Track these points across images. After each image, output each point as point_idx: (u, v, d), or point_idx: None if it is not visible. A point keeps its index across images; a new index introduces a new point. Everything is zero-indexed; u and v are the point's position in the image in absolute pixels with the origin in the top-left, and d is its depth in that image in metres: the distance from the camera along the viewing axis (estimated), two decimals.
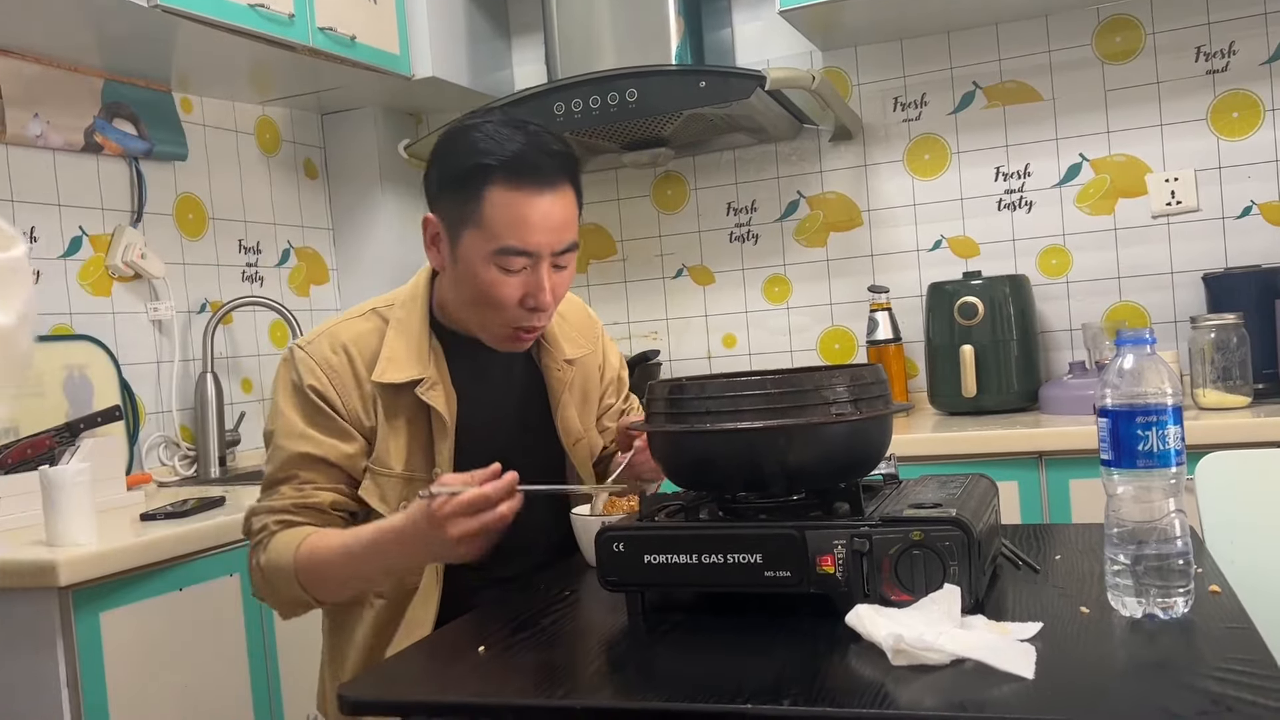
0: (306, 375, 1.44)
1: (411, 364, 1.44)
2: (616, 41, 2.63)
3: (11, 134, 2.20)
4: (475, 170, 1.37)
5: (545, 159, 1.38)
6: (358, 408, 1.44)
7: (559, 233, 1.39)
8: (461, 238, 1.40)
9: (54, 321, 2.29)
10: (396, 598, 1.46)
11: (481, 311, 1.43)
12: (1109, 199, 2.59)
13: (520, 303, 1.41)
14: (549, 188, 1.38)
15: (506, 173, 1.35)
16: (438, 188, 1.43)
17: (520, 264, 1.38)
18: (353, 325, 1.49)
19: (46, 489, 1.67)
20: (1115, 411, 1.03)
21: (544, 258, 1.39)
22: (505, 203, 1.36)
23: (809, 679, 0.94)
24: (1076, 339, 2.61)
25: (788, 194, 2.86)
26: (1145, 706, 0.84)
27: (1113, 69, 2.57)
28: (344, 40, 2.46)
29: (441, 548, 1.27)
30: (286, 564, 1.36)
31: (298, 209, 2.97)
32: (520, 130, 1.39)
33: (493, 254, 1.37)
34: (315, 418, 1.43)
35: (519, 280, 1.39)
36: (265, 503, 1.43)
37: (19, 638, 1.61)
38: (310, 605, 1.42)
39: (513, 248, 1.37)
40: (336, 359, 1.45)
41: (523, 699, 0.97)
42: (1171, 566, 1.02)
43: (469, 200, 1.37)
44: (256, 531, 1.42)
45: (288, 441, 1.43)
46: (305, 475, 1.42)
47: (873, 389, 1.18)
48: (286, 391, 1.45)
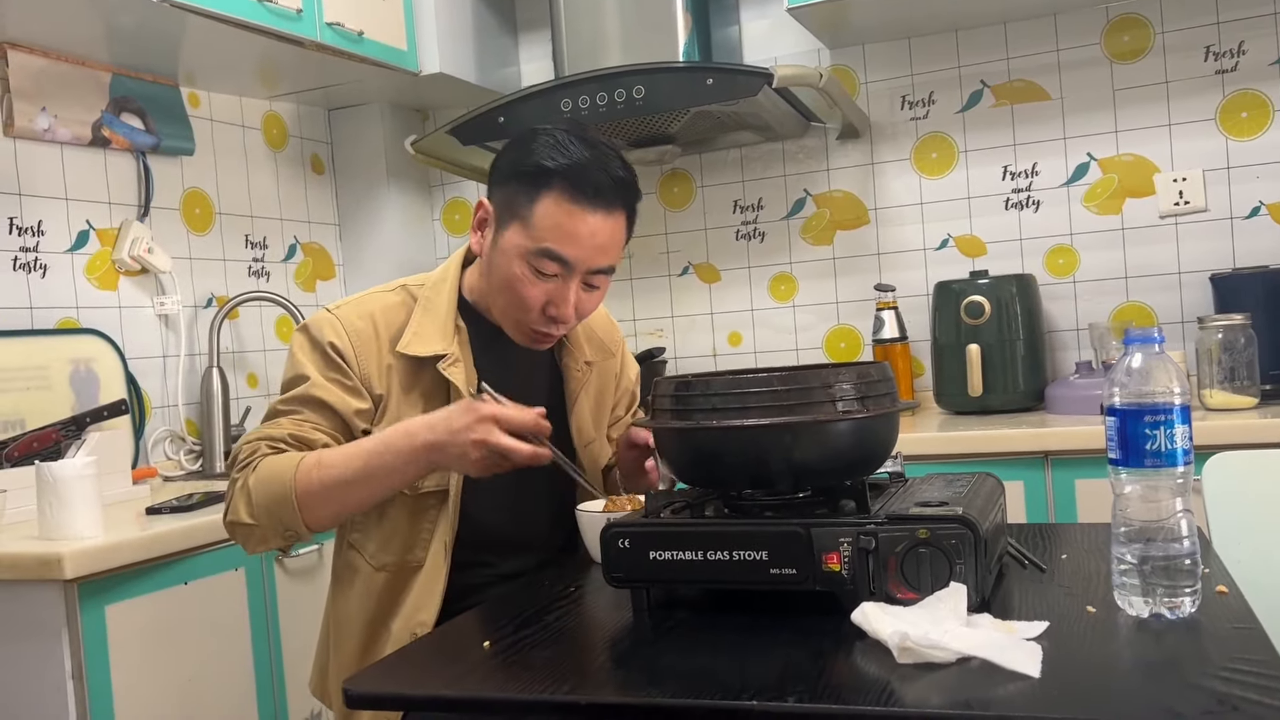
0: (328, 333, 1.45)
1: (436, 340, 1.45)
2: (623, 38, 2.63)
3: (19, 127, 2.20)
4: (537, 171, 1.39)
5: (607, 180, 1.40)
6: (371, 373, 1.45)
7: (600, 252, 1.41)
8: (507, 229, 1.42)
9: (61, 315, 2.29)
10: (394, 584, 1.45)
11: (504, 302, 1.45)
12: (1117, 199, 2.59)
13: (542, 309, 1.43)
14: (602, 208, 1.40)
15: (566, 182, 1.38)
16: (499, 177, 1.46)
17: (553, 270, 1.40)
18: (382, 297, 1.51)
19: (52, 483, 1.67)
20: (1123, 410, 1.03)
21: (577, 272, 1.41)
22: (556, 210, 1.38)
23: (814, 676, 0.94)
24: (1083, 339, 2.61)
25: (794, 192, 2.86)
26: (1151, 706, 0.83)
27: (1121, 68, 2.57)
28: (351, 36, 2.46)
29: (459, 446, 1.29)
30: (284, 478, 1.34)
31: (304, 204, 2.97)
32: (593, 147, 1.41)
33: (530, 253, 1.40)
34: (329, 370, 1.44)
35: (547, 286, 1.41)
36: (261, 431, 1.43)
37: (25, 630, 1.62)
38: (293, 531, 1.37)
39: (551, 251, 1.39)
40: (361, 324, 1.46)
41: (527, 695, 0.97)
42: (1178, 566, 1.01)
43: (524, 197, 1.40)
44: (246, 455, 1.40)
45: (298, 384, 1.44)
46: (308, 414, 1.42)
47: (879, 386, 1.18)
48: (305, 346, 1.46)
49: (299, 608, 2.01)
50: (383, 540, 1.46)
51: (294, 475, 1.34)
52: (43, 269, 2.26)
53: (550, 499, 1.52)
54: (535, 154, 1.40)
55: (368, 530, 1.48)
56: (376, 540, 1.47)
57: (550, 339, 1.49)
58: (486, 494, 1.46)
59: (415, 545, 1.45)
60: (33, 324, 2.23)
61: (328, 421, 1.43)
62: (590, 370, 1.60)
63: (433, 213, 3.20)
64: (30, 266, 2.24)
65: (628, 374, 1.72)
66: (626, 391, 1.71)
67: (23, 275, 2.22)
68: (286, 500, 1.34)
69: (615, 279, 2.99)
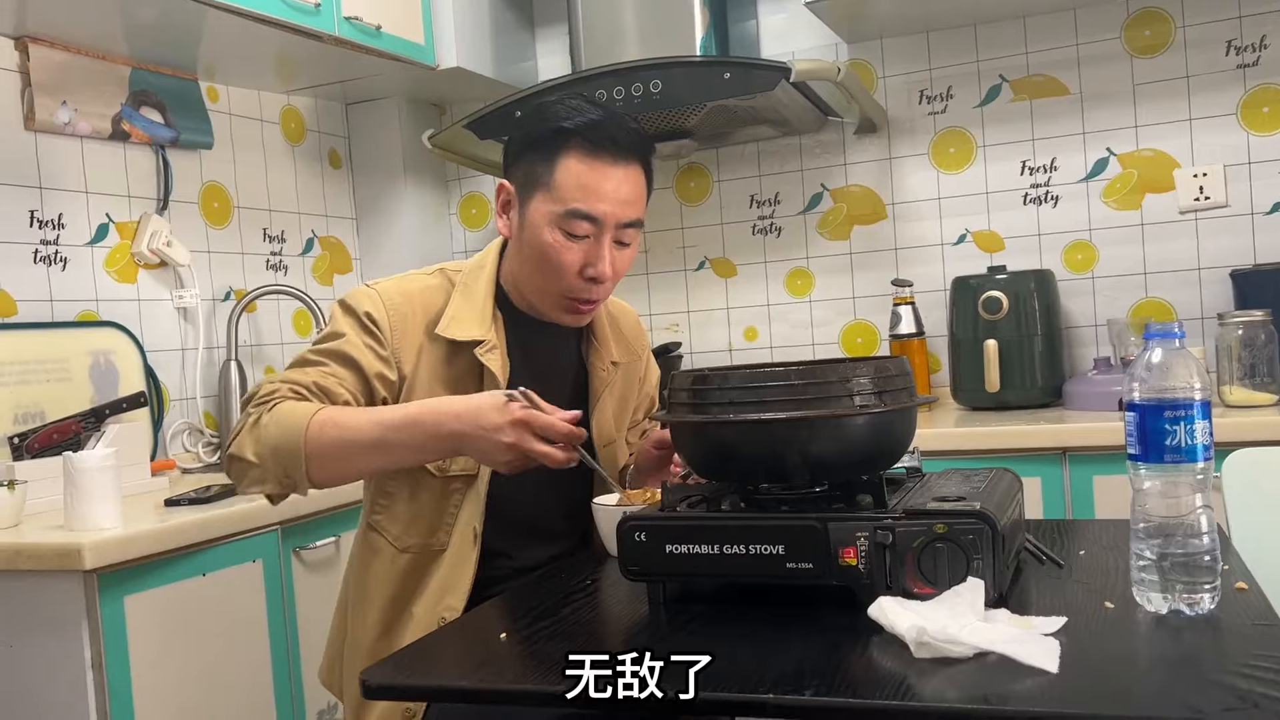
0: (366, 303, 1.45)
1: (475, 325, 1.46)
2: (641, 33, 2.62)
3: (40, 121, 2.21)
4: (553, 135, 1.41)
5: (622, 133, 1.42)
6: (403, 350, 1.45)
7: (626, 205, 1.43)
8: (531, 200, 1.43)
9: (80, 308, 2.31)
10: (415, 567, 1.45)
11: (542, 276, 1.45)
12: (1136, 194, 2.57)
13: (580, 272, 1.43)
14: (622, 161, 1.42)
15: (582, 139, 1.40)
16: (515, 152, 1.47)
17: (584, 229, 1.41)
18: (421, 279, 1.51)
19: (72, 474, 1.68)
20: (1143, 406, 1.02)
21: (608, 228, 1.42)
22: (578, 169, 1.40)
23: (830, 670, 0.94)
24: (1101, 335, 2.59)
25: (811, 187, 2.85)
26: (1171, 702, 0.83)
27: (1141, 62, 2.55)
28: (369, 30, 2.46)
29: (491, 444, 1.29)
30: (297, 426, 1.32)
31: (322, 198, 2.98)
32: (600, 107, 1.45)
33: (559, 216, 1.41)
34: (365, 336, 1.44)
35: (581, 248, 1.42)
36: (286, 373, 1.43)
37: (45, 620, 1.63)
38: (292, 481, 1.34)
39: (579, 211, 1.40)
40: (400, 300, 1.47)
41: (545, 686, 0.97)
42: (1198, 562, 1.01)
43: (543, 164, 1.41)
44: (265, 393, 1.39)
45: (336, 338, 1.44)
46: (335, 368, 1.42)
47: (897, 381, 1.17)
48: (342, 313, 1.47)
49: (316, 599, 2.02)
50: (407, 522, 1.46)
51: (307, 426, 1.32)
52: (63, 262, 2.28)
53: (571, 490, 1.52)
54: (548, 120, 1.43)
55: (393, 512, 1.48)
56: (401, 522, 1.47)
57: (591, 306, 1.48)
58: (510, 482, 1.46)
59: (440, 528, 1.45)
60: (53, 317, 2.24)
61: (353, 379, 1.42)
62: (616, 371, 1.60)
63: (449, 207, 3.20)
64: (51, 259, 2.25)
65: (650, 379, 1.73)
66: (647, 396, 1.72)
67: (43, 268, 2.24)
68: (295, 449, 1.32)
69: (631, 273, 3.01)
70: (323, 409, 1.35)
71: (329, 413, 1.35)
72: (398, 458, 1.37)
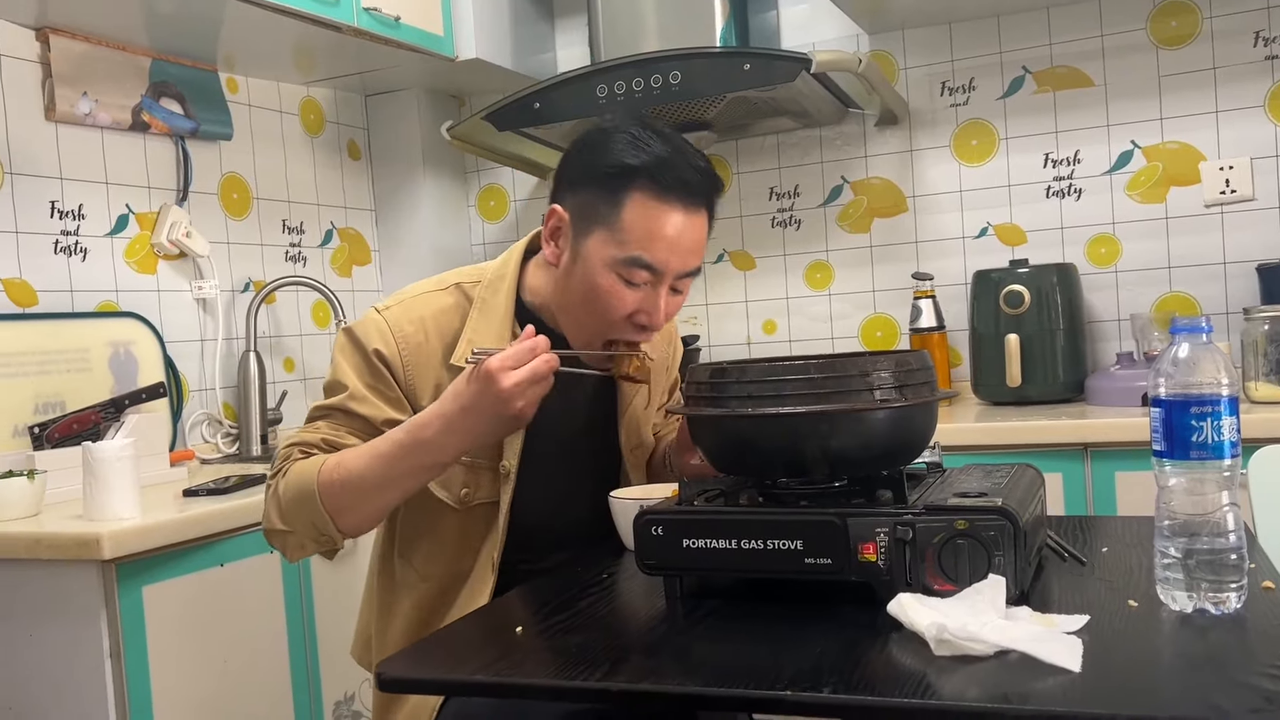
0: (375, 339, 1.40)
1: None
2: (660, 23, 2.61)
3: (61, 112, 2.22)
4: (620, 171, 1.33)
5: (692, 174, 1.34)
6: (418, 386, 1.40)
7: (690, 255, 1.36)
8: (589, 236, 1.35)
9: (100, 299, 2.31)
10: (446, 583, 1.44)
11: (587, 314, 1.38)
12: (1161, 187, 2.54)
13: (630, 317, 1.37)
14: (691, 207, 1.35)
15: (651, 180, 1.32)
16: (573, 181, 1.38)
17: (643, 278, 1.34)
18: (435, 299, 1.44)
19: (91, 464, 1.69)
20: (1168, 401, 1.01)
21: (668, 277, 1.36)
22: (646, 211, 1.32)
23: (849, 667, 0.93)
24: (1124, 329, 2.56)
25: (831, 179, 2.83)
26: (1196, 702, 0.82)
27: (1167, 54, 2.52)
28: (388, 21, 2.46)
29: (493, 408, 1.25)
30: (308, 484, 1.31)
31: (341, 190, 2.98)
32: (670, 141, 1.36)
33: (619, 261, 1.33)
34: (372, 380, 1.40)
35: (635, 295, 1.35)
36: (297, 435, 1.41)
37: (64, 608, 1.64)
38: (329, 536, 1.34)
39: (642, 260, 1.33)
40: (412, 330, 1.41)
41: (559, 680, 0.96)
42: (1224, 561, 0.99)
43: (605, 200, 1.34)
44: (279, 462, 1.39)
45: (336, 391, 1.41)
46: (343, 421, 1.39)
47: (918, 375, 1.16)
48: (348, 349, 1.42)
49: (334, 591, 2.02)
50: (430, 552, 1.45)
51: (317, 484, 1.31)
52: (83, 252, 2.28)
53: (594, 495, 1.48)
54: (614, 153, 1.34)
55: (416, 543, 1.46)
56: (423, 551, 1.45)
57: (632, 349, 1.41)
58: (533, 501, 1.44)
59: (463, 557, 1.43)
60: (73, 307, 2.25)
61: (363, 431, 1.39)
62: None
63: (468, 199, 3.20)
64: (71, 250, 2.26)
65: (676, 363, 1.69)
66: (672, 380, 1.69)
67: (63, 258, 2.25)
68: (315, 509, 1.32)
69: None
70: (326, 461, 1.33)
71: (332, 464, 1.32)
72: (413, 485, 1.34)
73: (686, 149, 1.36)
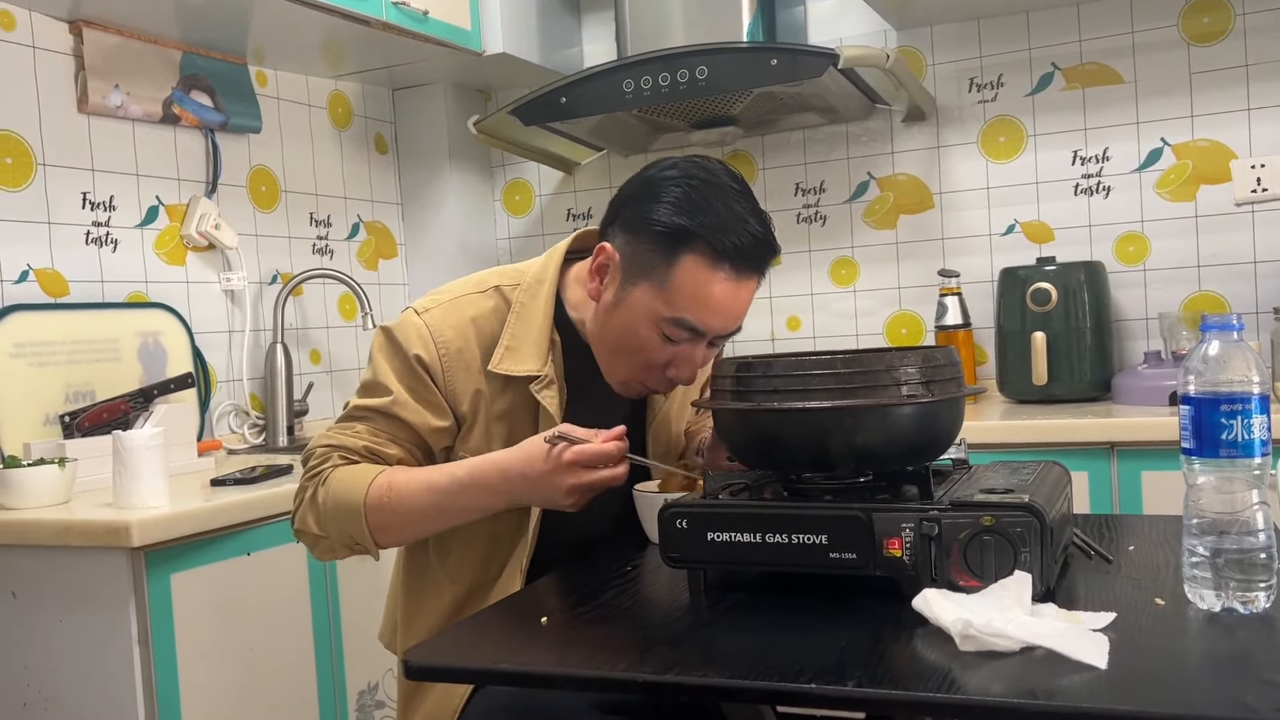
0: (415, 344, 1.39)
1: (531, 357, 1.39)
2: (687, 19, 2.61)
3: (93, 104, 2.24)
4: (675, 231, 1.31)
5: (750, 241, 1.31)
6: (459, 392, 1.39)
7: (735, 320, 1.36)
8: (636, 286, 1.34)
9: (130, 289, 2.34)
10: (474, 588, 1.44)
11: (619, 357, 1.39)
12: (1190, 185, 2.52)
13: (664, 369, 1.38)
14: (745, 275, 1.33)
15: (707, 246, 1.30)
16: (629, 226, 1.36)
17: (684, 337, 1.35)
18: (474, 302, 1.43)
19: (120, 453, 1.71)
20: (1198, 399, 1.00)
21: (706, 340, 1.37)
22: (698, 277, 1.31)
23: (874, 661, 0.93)
24: (1152, 328, 2.55)
25: (858, 175, 2.82)
26: (1223, 700, 0.81)
27: (1199, 50, 2.50)
28: (416, 15, 2.47)
29: (550, 492, 1.27)
30: (354, 499, 1.32)
31: (368, 183, 2.99)
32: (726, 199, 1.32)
33: (663, 320, 1.33)
34: (413, 383, 1.39)
35: (672, 350, 1.36)
36: (336, 434, 1.40)
37: (94, 595, 1.66)
38: (362, 547, 1.36)
39: (687, 322, 1.33)
40: (452, 335, 1.40)
41: (584, 670, 0.97)
42: (1253, 560, 0.98)
43: (660, 255, 1.32)
44: (317, 463, 1.38)
45: (381, 394, 1.39)
46: (385, 426, 1.39)
47: (945, 371, 1.16)
48: (388, 351, 1.41)
49: (359, 581, 2.04)
50: (461, 556, 1.45)
51: (364, 498, 1.32)
52: (114, 244, 2.31)
53: (623, 504, 1.47)
54: (673, 209, 1.31)
55: (449, 544, 1.46)
56: (455, 555, 1.45)
57: (658, 392, 1.43)
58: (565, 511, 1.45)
59: (492, 563, 1.44)
60: (103, 297, 2.28)
61: (403, 434, 1.39)
62: None
63: (494, 193, 3.21)
64: (102, 241, 2.29)
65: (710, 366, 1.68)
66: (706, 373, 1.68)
67: (94, 249, 2.27)
68: (358, 524, 1.33)
69: None
70: (377, 478, 1.33)
71: (383, 481, 1.33)
72: (458, 519, 1.36)
73: (745, 208, 1.33)
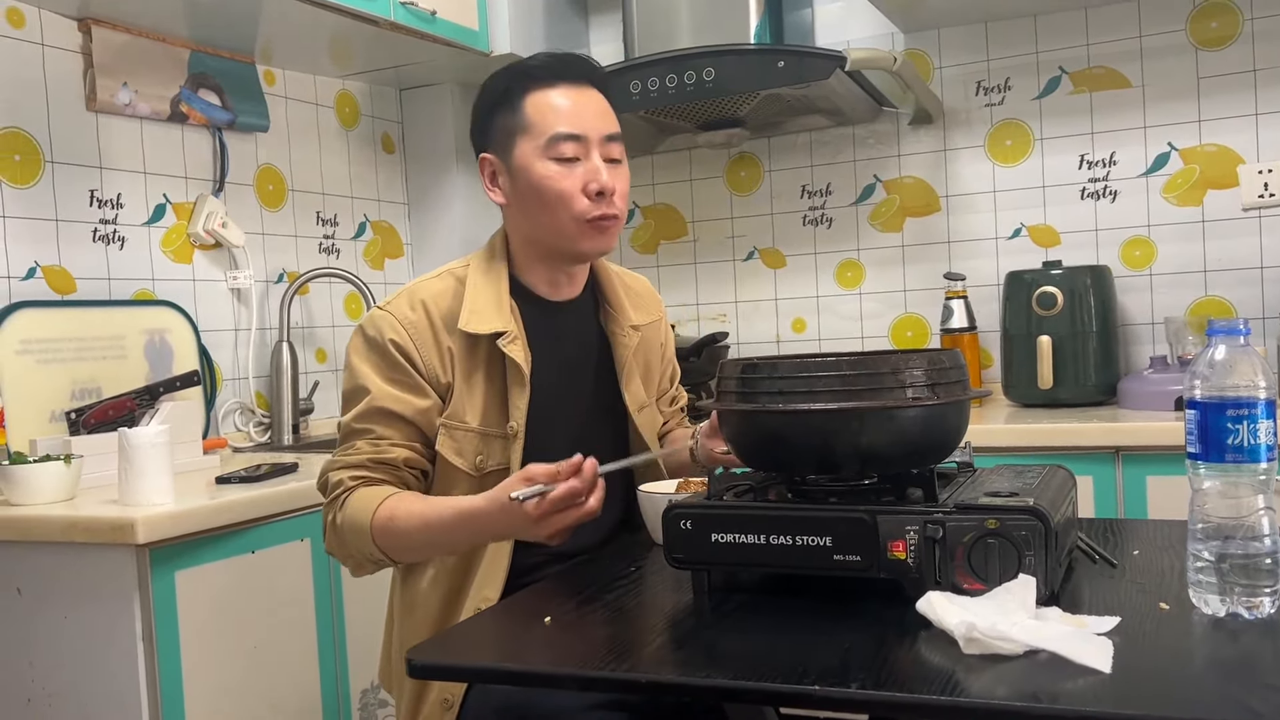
0: (387, 330, 1.45)
1: (494, 317, 1.46)
2: (694, 20, 2.61)
3: (101, 102, 2.25)
4: (513, 82, 1.48)
5: (570, 59, 1.51)
6: (435, 363, 1.45)
7: (600, 118, 1.48)
8: (513, 151, 1.48)
9: (137, 287, 2.34)
10: (461, 568, 1.47)
11: (551, 213, 1.46)
12: (1198, 190, 2.51)
13: (584, 191, 1.45)
14: (578, 84, 1.48)
15: (538, 76, 1.47)
16: (482, 126, 1.53)
17: (572, 150, 1.45)
18: (428, 285, 1.51)
19: (126, 450, 1.71)
20: (1204, 403, 1.00)
21: (593, 144, 1.46)
22: (544, 100, 1.46)
23: (877, 663, 0.93)
24: (1158, 333, 2.54)
25: (864, 178, 2.82)
26: (1227, 704, 0.81)
27: (1207, 55, 2.49)
28: (424, 15, 2.47)
29: (530, 535, 1.30)
30: (363, 524, 1.38)
31: (374, 183, 3.00)
32: (544, 52, 1.54)
33: (544, 147, 1.45)
34: (393, 373, 1.45)
35: (576, 171, 1.45)
36: (341, 458, 1.45)
37: (99, 591, 1.66)
38: (384, 564, 1.43)
39: (561, 133, 1.45)
40: (415, 315, 1.47)
41: (587, 670, 0.97)
42: (1258, 565, 0.98)
43: (510, 114, 1.48)
44: (333, 488, 1.44)
45: (364, 397, 1.45)
46: (381, 430, 1.44)
47: (950, 374, 1.16)
48: (364, 349, 1.47)
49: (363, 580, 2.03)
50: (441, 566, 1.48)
51: (371, 534, 1.38)
52: (121, 241, 2.31)
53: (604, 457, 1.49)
54: (500, 79, 1.50)
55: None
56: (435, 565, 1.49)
57: (612, 222, 1.48)
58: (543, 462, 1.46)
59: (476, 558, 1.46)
60: (110, 295, 2.28)
61: (400, 433, 1.44)
62: (637, 334, 1.60)
63: None
64: (109, 238, 2.29)
65: (669, 346, 1.73)
66: (669, 362, 1.73)
67: (101, 246, 2.28)
68: (367, 544, 1.39)
69: (679, 263, 3.01)
70: (379, 511, 1.37)
71: (384, 517, 1.37)
72: (460, 549, 1.44)
73: (562, 53, 1.53)
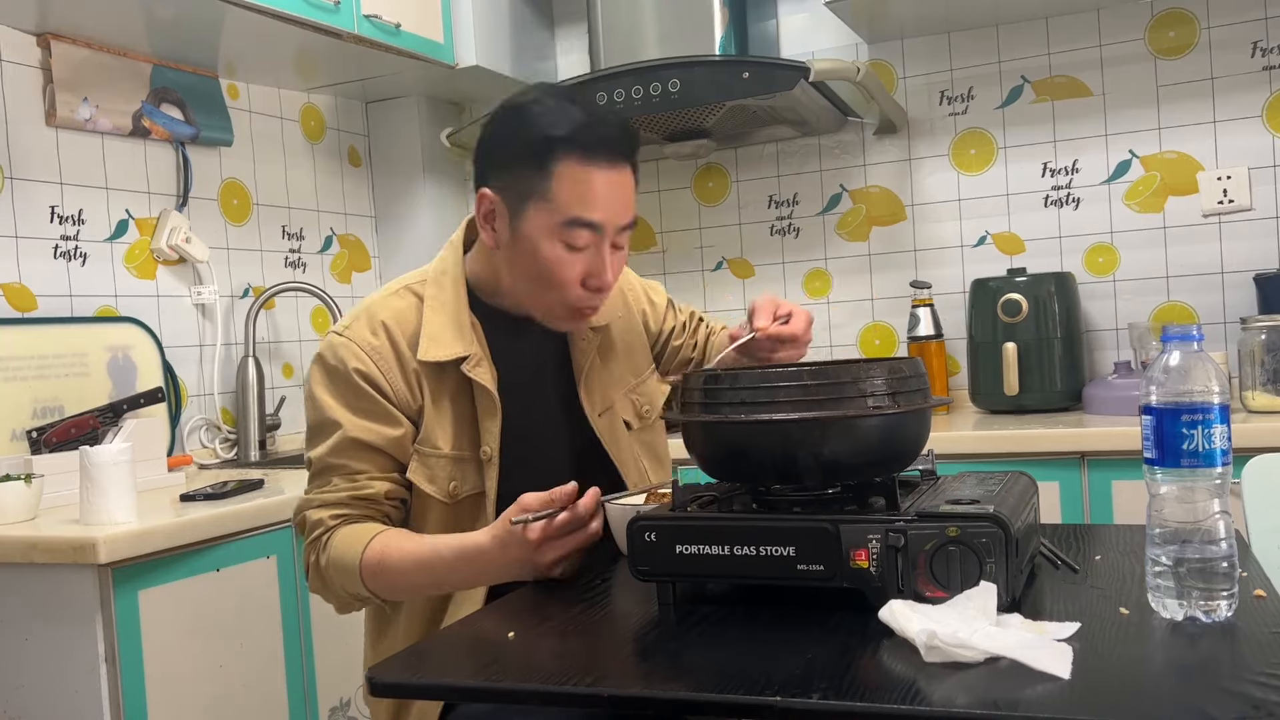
0: (350, 360, 1.40)
1: (454, 341, 1.42)
2: (660, 32, 2.62)
3: (61, 117, 2.23)
4: (544, 142, 1.35)
5: (613, 134, 1.39)
6: (404, 389, 1.41)
7: (624, 208, 1.40)
8: (525, 212, 1.38)
9: (99, 304, 2.32)
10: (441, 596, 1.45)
11: (542, 290, 1.41)
12: (1159, 197, 2.54)
13: (582, 282, 1.40)
14: (617, 164, 1.38)
15: (576, 146, 1.35)
16: (497, 163, 1.41)
17: (585, 240, 1.37)
18: (388, 303, 1.46)
19: (88, 468, 1.69)
20: (1159, 409, 1.01)
21: (608, 235, 1.39)
22: (575, 175, 1.35)
23: (839, 673, 0.93)
24: (1122, 338, 2.57)
25: (830, 187, 2.84)
26: (1184, 709, 0.82)
27: (1165, 64, 2.53)
28: (389, 28, 2.47)
29: (534, 569, 1.28)
30: (350, 565, 1.35)
31: (341, 196, 2.99)
32: (582, 106, 1.40)
33: (559, 227, 1.36)
34: (361, 403, 1.40)
35: (582, 259, 1.38)
36: (318, 494, 1.41)
37: (60, 613, 1.64)
38: (371, 602, 1.40)
39: (580, 219, 1.36)
40: (378, 340, 1.42)
41: (550, 685, 0.97)
42: (1215, 569, 0.99)
43: (535, 174, 1.36)
44: (313, 527, 1.40)
45: (335, 430, 1.40)
46: (356, 465, 1.40)
47: (911, 382, 1.16)
48: (326, 380, 1.42)
49: None
50: None
51: (361, 577, 1.35)
52: (82, 257, 2.29)
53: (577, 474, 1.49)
54: (535, 127, 1.37)
55: None
56: None
57: (593, 312, 1.46)
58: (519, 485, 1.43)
59: None
60: (72, 312, 2.26)
61: (375, 465, 1.40)
62: (598, 336, 1.55)
63: (468, 206, 3.20)
64: (70, 255, 2.27)
65: (653, 300, 1.69)
66: (661, 310, 1.69)
67: (63, 263, 2.25)
68: (356, 585, 1.36)
69: (648, 273, 3.01)
70: (367, 552, 1.35)
71: (374, 558, 1.35)
72: (453, 588, 1.41)
73: (604, 113, 1.42)
